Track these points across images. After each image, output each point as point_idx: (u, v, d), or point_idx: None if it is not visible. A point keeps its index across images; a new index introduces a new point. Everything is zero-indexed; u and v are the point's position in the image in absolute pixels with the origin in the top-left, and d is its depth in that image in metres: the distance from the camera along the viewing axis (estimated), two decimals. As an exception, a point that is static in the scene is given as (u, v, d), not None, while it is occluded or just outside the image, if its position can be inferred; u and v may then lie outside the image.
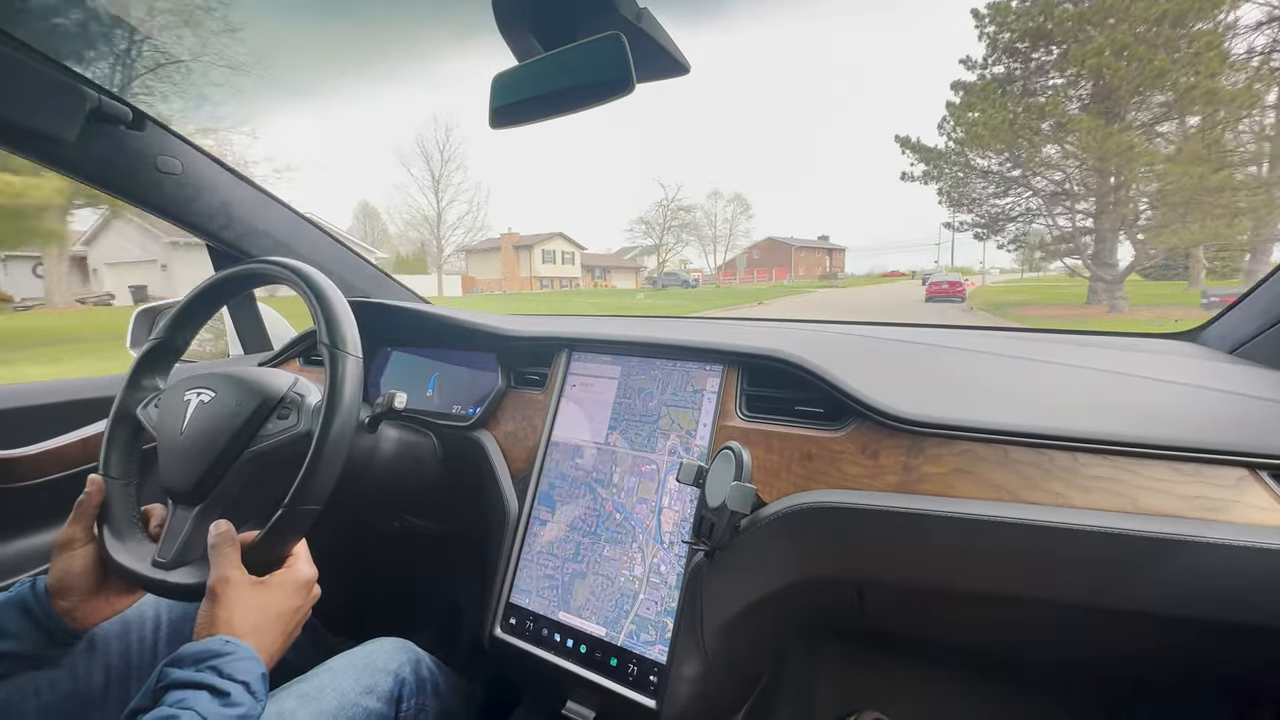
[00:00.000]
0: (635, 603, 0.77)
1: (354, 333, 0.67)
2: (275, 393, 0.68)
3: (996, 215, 10.41)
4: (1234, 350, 0.90)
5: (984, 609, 0.65)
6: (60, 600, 0.64)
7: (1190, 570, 0.54)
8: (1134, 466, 0.58)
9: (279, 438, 0.66)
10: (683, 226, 43.83)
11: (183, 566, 0.64)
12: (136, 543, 0.68)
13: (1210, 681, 0.63)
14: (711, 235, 46.41)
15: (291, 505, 0.60)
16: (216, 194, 1.11)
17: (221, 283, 0.76)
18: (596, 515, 0.84)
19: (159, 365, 0.76)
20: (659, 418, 0.84)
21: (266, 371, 0.71)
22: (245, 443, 0.66)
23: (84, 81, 0.89)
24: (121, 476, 0.71)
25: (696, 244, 45.78)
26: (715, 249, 46.25)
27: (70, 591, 0.64)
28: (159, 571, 0.64)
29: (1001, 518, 0.58)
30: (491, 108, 0.68)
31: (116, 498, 0.70)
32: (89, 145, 0.92)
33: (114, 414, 0.73)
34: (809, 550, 0.67)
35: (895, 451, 0.67)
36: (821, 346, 0.83)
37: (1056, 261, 11.03)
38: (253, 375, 0.70)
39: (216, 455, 0.65)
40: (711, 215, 46.75)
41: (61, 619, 0.63)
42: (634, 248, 47.09)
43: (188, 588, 0.62)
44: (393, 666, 0.74)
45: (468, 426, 0.97)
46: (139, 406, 0.73)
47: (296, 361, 1.19)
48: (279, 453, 0.66)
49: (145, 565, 0.64)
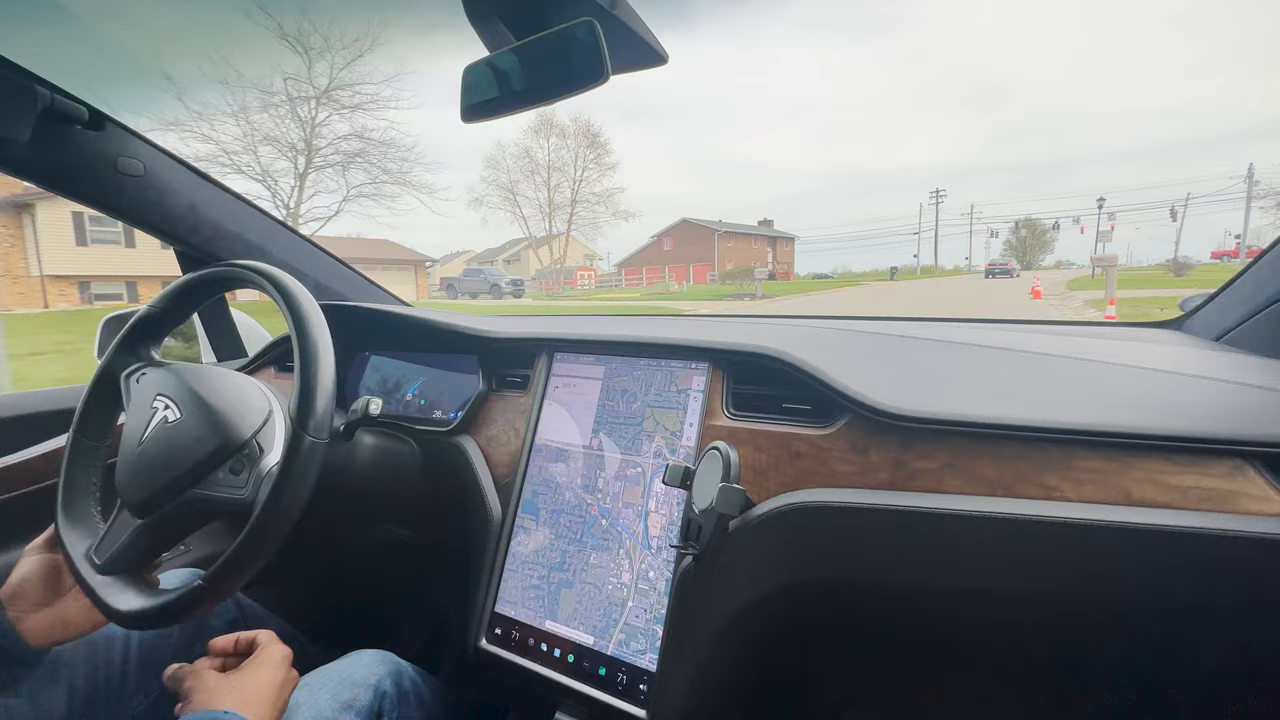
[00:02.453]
0: (624, 611, 0.75)
1: (327, 406, 0.64)
2: (235, 440, 0.65)
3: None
4: (1219, 337, 0.89)
5: (980, 607, 0.64)
6: (11, 609, 0.61)
7: (1184, 562, 0.53)
8: (1127, 458, 0.57)
9: (223, 493, 0.64)
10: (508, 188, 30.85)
11: (115, 575, 0.63)
12: (84, 523, 0.67)
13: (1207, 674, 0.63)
14: (538, 199, 31.60)
15: (209, 583, 0.59)
16: (182, 196, 1.08)
17: (209, 278, 0.74)
18: (582, 522, 0.82)
19: (151, 334, 0.75)
20: (643, 419, 0.82)
21: (238, 400, 0.68)
22: (192, 483, 0.64)
23: (36, 80, 0.85)
24: (94, 439, 0.71)
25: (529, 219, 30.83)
26: (547, 219, 31.82)
27: (19, 599, 0.62)
28: (89, 570, 0.63)
29: (994, 513, 0.57)
30: (463, 102, 0.66)
31: (83, 460, 0.70)
32: (43, 146, 0.88)
33: (99, 372, 0.73)
34: (800, 551, 0.65)
35: (885, 448, 0.65)
36: (808, 342, 0.82)
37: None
38: (222, 407, 0.67)
39: (165, 483, 0.63)
40: (539, 164, 31.15)
41: (13, 633, 0.60)
42: (522, 239, 35.20)
43: (107, 606, 0.61)
44: (372, 680, 0.72)
45: (449, 431, 0.94)
46: (124, 372, 0.72)
47: (271, 369, 1.15)
48: (219, 506, 0.64)
49: (80, 553, 0.64)
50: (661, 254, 39.81)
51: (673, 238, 39.25)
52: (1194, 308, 0.98)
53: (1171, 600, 0.55)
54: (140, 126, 0.97)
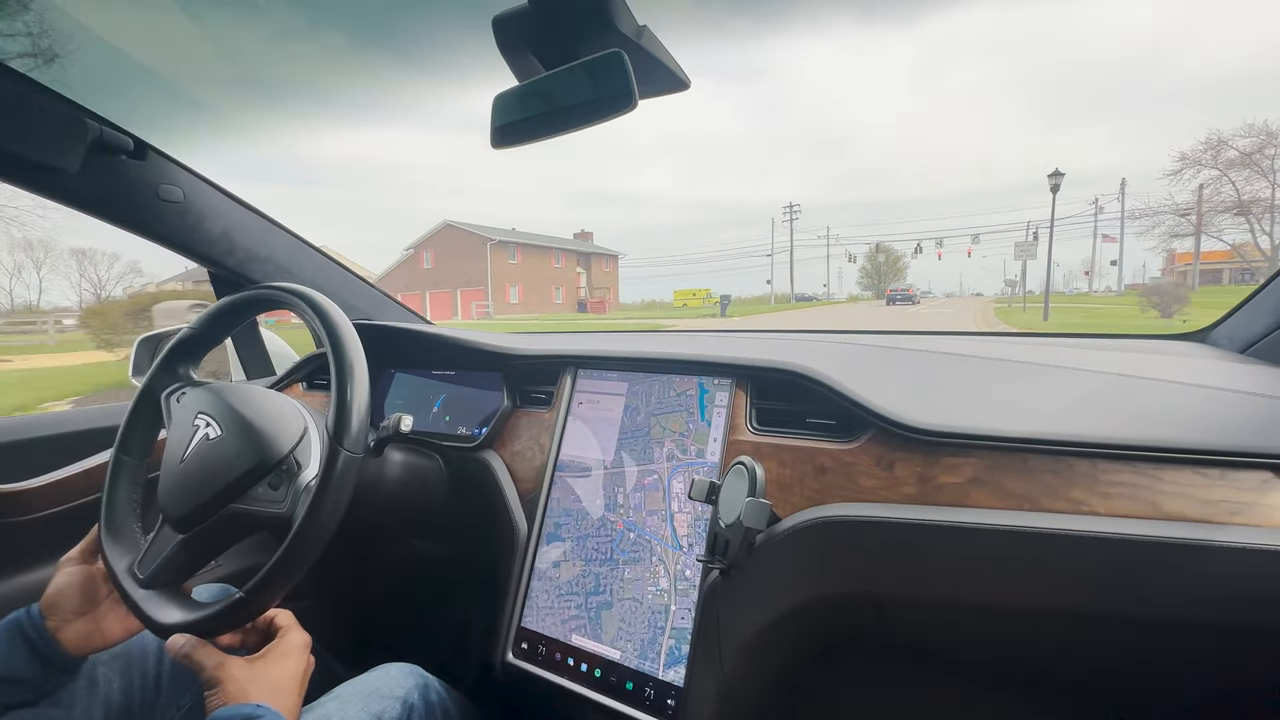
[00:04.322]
0: (669, 615, 0.76)
1: (362, 421, 0.66)
2: (274, 455, 0.67)
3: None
4: (1244, 350, 0.89)
5: (1008, 622, 0.63)
6: (50, 618, 0.63)
7: (1217, 575, 0.52)
8: (1155, 471, 0.57)
9: (261, 509, 0.66)
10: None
11: (156, 589, 0.65)
12: (127, 538, 0.69)
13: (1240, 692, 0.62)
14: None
15: (250, 595, 0.60)
16: (219, 221, 1.12)
17: (248, 300, 0.77)
18: (610, 539, 0.83)
19: (190, 355, 0.78)
20: (649, 429, 0.85)
21: (276, 416, 0.70)
22: (232, 498, 0.66)
23: (85, 113, 0.89)
24: (135, 457, 0.74)
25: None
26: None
27: (59, 608, 0.64)
28: (132, 584, 0.65)
29: (1021, 527, 0.57)
30: (493, 127, 0.68)
31: (126, 478, 0.72)
32: (91, 176, 0.92)
33: (141, 391, 0.75)
34: (826, 565, 0.66)
35: (910, 462, 0.66)
36: (830, 357, 0.82)
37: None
38: (261, 424, 0.69)
39: (206, 499, 0.65)
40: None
41: (54, 641, 0.62)
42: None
43: (148, 619, 0.63)
44: (400, 692, 0.73)
45: (474, 447, 0.96)
46: (165, 392, 0.75)
47: (300, 385, 1.18)
48: (259, 521, 0.66)
49: (123, 568, 0.66)
50: (420, 273, 27.47)
51: (433, 251, 27.16)
52: (1218, 319, 0.97)
53: (1203, 616, 0.55)
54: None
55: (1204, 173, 18.09)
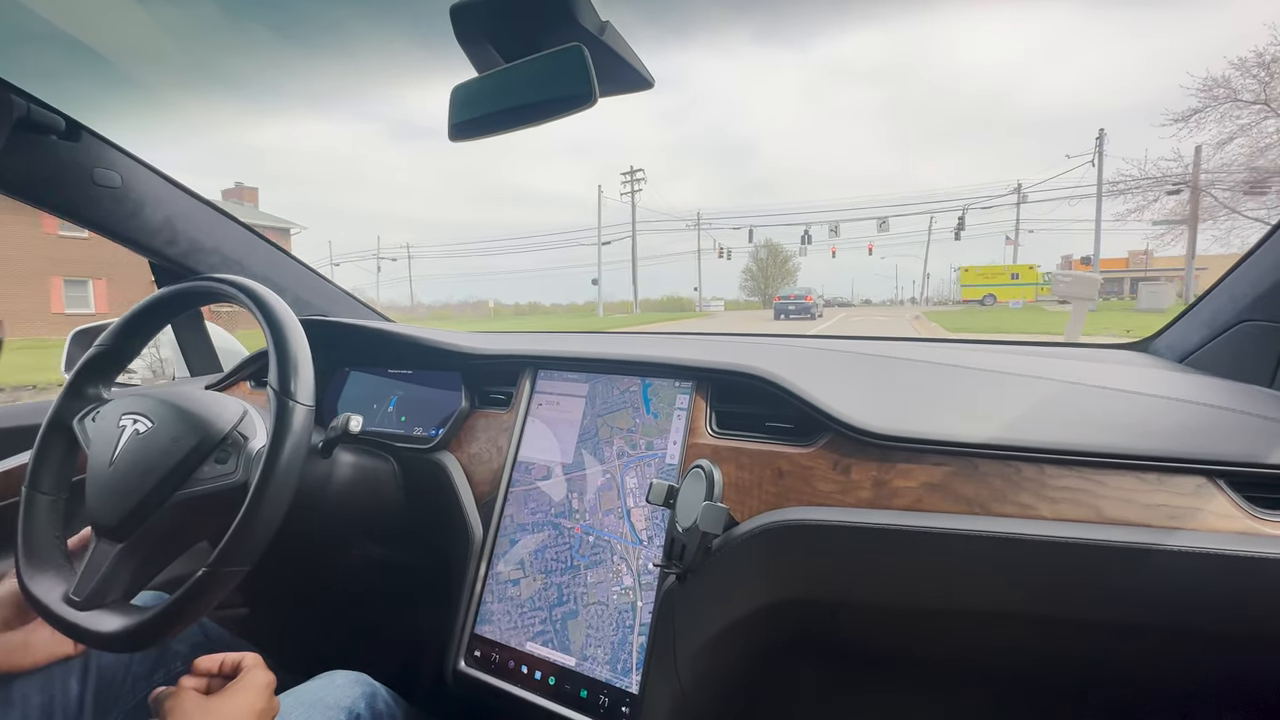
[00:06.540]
0: (637, 613, 0.74)
1: (308, 373, 0.62)
2: (216, 432, 0.63)
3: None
4: (1182, 359, 0.93)
5: (957, 625, 0.64)
6: None
7: (1155, 578, 0.54)
8: (1099, 477, 0.59)
9: (213, 484, 0.62)
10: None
11: (98, 608, 0.59)
12: (55, 570, 0.63)
13: (1181, 692, 0.64)
14: None
15: (214, 566, 0.56)
16: (160, 209, 1.06)
17: (170, 298, 0.71)
18: (569, 546, 0.81)
19: (102, 374, 0.71)
20: (597, 430, 0.84)
21: (212, 402, 0.67)
22: (177, 484, 0.61)
23: (11, 89, 0.83)
24: (51, 492, 0.67)
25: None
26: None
27: None
28: (69, 610, 0.59)
29: (971, 531, 0.58)
30: (451, 120, 0.66)
31: (42, 515, 0.65)
32: (17, 156, 0.86)
33: (48, 422, 0.68)
34: (783, 570, 0.66)
35: (866, 467, 0.66)
36: (791, 361, 0.83)
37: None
38: (195, 406, 0.65)
39: (145, 494, 0.61)
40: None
41: None
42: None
43: (96, 635, 0.57)
44: (346, 703, 0.70)
45: (429, 448, 0.93)
46: (76, 418, 0.68)
47: (247, 384, 1.13)
48: (212, 500, 0.62)
49: (56, 598, 0.60)
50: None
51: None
52: (1159, 330, 1.02)
53: (1141, 616, 0.56)
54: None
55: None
